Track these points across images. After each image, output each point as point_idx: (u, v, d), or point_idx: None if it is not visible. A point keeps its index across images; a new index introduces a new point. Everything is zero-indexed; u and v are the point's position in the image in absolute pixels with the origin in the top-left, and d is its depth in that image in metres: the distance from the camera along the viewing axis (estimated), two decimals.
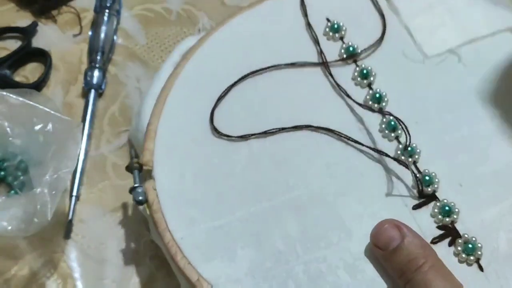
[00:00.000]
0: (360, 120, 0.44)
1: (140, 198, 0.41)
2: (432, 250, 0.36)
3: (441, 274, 0.35)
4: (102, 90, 0.55)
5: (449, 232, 0.39)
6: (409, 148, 0.42)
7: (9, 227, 0.42)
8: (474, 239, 0.38)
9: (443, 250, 0.38)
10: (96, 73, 0.55)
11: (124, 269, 0.47)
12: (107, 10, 0.58)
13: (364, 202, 0.41)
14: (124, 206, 0.50)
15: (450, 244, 0.39)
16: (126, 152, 0.52)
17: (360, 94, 0.46)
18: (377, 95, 0.45)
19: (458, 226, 0.40)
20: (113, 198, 0.50)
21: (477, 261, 0.38)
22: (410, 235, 0.36)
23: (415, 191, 0.41)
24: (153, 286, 0.46)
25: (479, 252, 0.38)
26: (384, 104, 0.45)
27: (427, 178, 0.41)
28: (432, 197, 0.41)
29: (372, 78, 0.46)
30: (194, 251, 0.39)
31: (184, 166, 0.43)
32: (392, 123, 0.43)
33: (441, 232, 0.39)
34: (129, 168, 0.43)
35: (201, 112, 0.45)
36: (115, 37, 0.58)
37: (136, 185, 0.42)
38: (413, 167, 0.41)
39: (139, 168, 0.43)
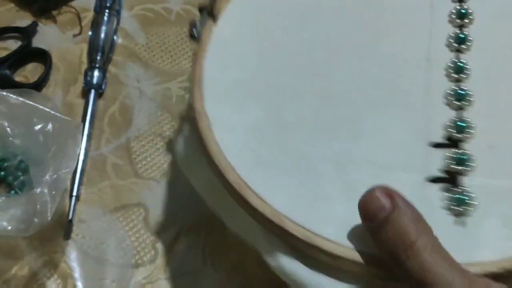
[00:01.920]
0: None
1: (194, 32, 0.41)
2: (427, 225, 0.30)
3: (439, 256, 0.29)
4: (102, 90, 0.55)
5: (451, 178, 0.36)
6: (463, 92, 0.38)
7: (9, 227, 0.42)
8: (473, 196, 0.35)
9: (433, 193, 0.36)
10: (96, 73, 0.55)
11: (124, 269, 0.47)
12: (107, 10, 0.58)
13: (388, 120, 0.38)
14: (124, 206, 0.50)
15: (445, 190, 0.36)
16: (126, 152, 0.52)
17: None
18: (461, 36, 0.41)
19: (464, 179, 0.36)
20: (113, 198, 0.50)
21: (463, 215, 0.35)
22: (403, 206, 0.30)
23: (442, 132, 0.38)
24: (154, 286, 0.46)
25: (470, 209, 0.35)
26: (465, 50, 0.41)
27: (461, 124, 0.37)
28: (455, 144, 0.37)
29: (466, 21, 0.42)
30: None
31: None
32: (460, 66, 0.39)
33: (443, 175, 0.36)
34: (200, 9, 0.43)
35: None
36: (115, 37, 0.58)
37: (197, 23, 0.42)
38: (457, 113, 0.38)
39: (209, 11, 0.42)
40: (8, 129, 0.47)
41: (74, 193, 0.49)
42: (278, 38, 0.42)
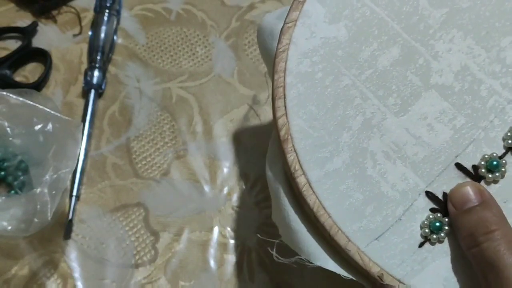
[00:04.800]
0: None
1: None
2: (507, 222, 0.33)
3: None
4: (102, 90, 0.55)
5: (443, 204, 0.36)
6: None
7: (9, 227, 0.42)
8: (446, 230, 0.35)
9: (421, 206, 0.36)
10: (96, 73, 0.55)
11: (124, 269, 0.47)
12: (107, 10, 0.58)
13: (445, 114, 0.37)
14: (124, 206, 0.50)
15: (432, 210, 0.36)
16: (126, 152, 0.52)
17: None
18: None
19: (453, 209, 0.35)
20: (113, 198, 0.50)
21: (428, 240, 0.35)
22: (491, 201, 0.33)
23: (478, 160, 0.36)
24: (154, 286, 0.46)
25: (434, 242, 0.35)
26: None
27: (495, 163, 0.36)
28: (477, 178, 0.36)
29: None
30: None
31: None
32: None
33: (440, 197, 0.36)
34: None
35: None
36: (115, 37, 0.58)
37: None
38: None
39: None
40: (8, 129, 0.47)
41: (74, 193, 0.49)
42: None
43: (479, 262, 0.32)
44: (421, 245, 0.35)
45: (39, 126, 0.46)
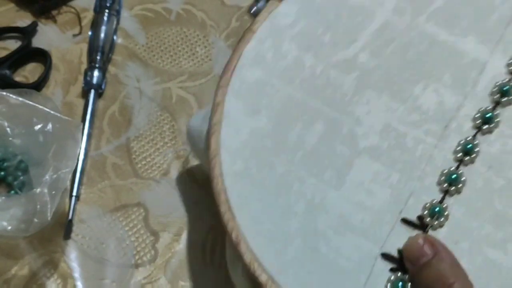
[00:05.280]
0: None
1: (254, 10, 0.45)
2: (463, 271, 0.34)
3: None
4: (102, 90, 0.55)
5: (402, 263, 0.36)
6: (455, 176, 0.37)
7: (9, 227, 0.42)
8: None
9: (380, 269, 0.36)
10: (96, 73, 0.55)
11: (124, 269, 0.47)
12: (107, 10, 0.58)
13: (376, 177, 0.38)
14: (124, 206, 0.50)
15: (391, 270, 0.36)
16: (126, 152, 0.52)
17: None
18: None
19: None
20: (113, 198, 0.50)
21: None
22: (443, 252, 0.34)
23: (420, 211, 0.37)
24: (154, 286, 0.46)
25: None
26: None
27: (438, 210, 0.36)
28: (424, 227, 0.37)
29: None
30: None
31: None
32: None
33: (396, 256, 0.36)
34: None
35: None
36: (115, 37, 0.58)
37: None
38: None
39: None
40: (8, 129, 0.47)
41: (74, 193, 0.49)
42: (322, 47, 0.42)
43: None
44: None
45: (39, 126, 0.46)
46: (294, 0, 0.43)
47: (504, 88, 0.39)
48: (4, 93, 0.46)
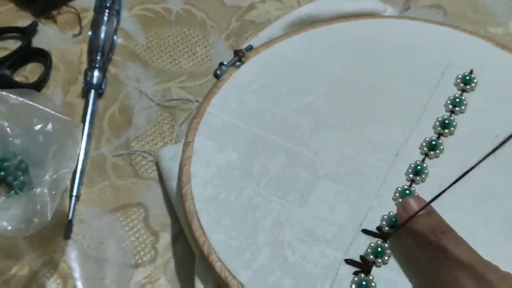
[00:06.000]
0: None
1: (218, 72, 0.51)
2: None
3: (468, 246, 0.37)
4: (102, 90, 0.55)
5: (365, 265, 0.40)
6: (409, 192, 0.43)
7: (9, 227, 0.42)
8: (374, 286, 0.39)
9: (345, 272, 0.40)
10: (96, 73, 0.55)
11: (124, 269, 0.47)
12: (107, 10, 0.58)
13: (337, 196, 0.44)
14: (124, 206, 0.50)
15: (355, 273, 0.40)
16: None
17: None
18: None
19: (375, 270, 0.40)
20: (113, 198, 0.50)
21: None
22: (435, 211, 0.39)
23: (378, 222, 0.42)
24: (154, 286, 0.46)
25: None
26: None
27: (394, 220, 0.41)
28: (383, 236, 0.41)
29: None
30: None
31: None
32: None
33: (358, 261, 0.41)
34: (235, 52, 0.52)
35: None
36: (115, 37, 0.58)
37: (225, 63, 0.52)
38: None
39: (240, 56, 0.52)
40: (8, 129, 0.47)
41: (74, 193, 0.49)
42: (280, 97, 0.49)
43: (435, 256, 0.37)
44: None
45: (39, 126, 0.46)
46: (253, 62, 0.51)
47: (446, 122, 0.46)
48: (4, 93, 0.46)
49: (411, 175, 0.44)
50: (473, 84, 0.48)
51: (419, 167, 0.44)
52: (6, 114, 0.47)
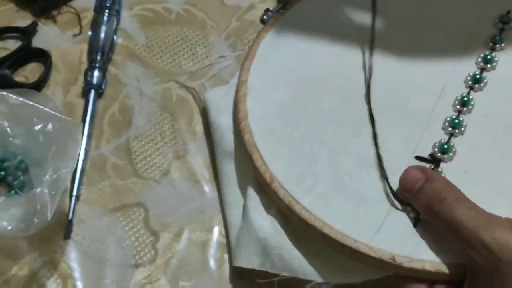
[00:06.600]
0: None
1: (265, 17, 0.55)
2: (454, 186, 0.39)
3: (465, 205, 0.37)
4: (102, 90, 0.55)
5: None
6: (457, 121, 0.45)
7: (9, 227, 0.42)
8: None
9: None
10: (96, 73, 0.55)
11: (124, 269, 0.47)
12: (107, 10, 0.58)
13: (389, 128, 0.45)
14: (124, 206, 0.50)
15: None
16: (126, 152, 0.52)
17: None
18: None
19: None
20: (113, 198, 0.50)
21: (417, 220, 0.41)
22: (433, 175, 0.40)
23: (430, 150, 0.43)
24: (154, 286, 0.46)
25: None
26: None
27: (446, 147, 0.43)
28: (436, 162, 0.43)
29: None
30: None
31: None
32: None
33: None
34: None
35: None
36: (115, 37, 0.58)
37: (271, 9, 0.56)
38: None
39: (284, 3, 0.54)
40: (8, 129, 0.47)
41: (74, 193, 0.49)
42: (327, 37, 0.51)
43: (445, 226, 0.37)
44: (415, 224, 0.40)
45: (39, 126, 0.46)
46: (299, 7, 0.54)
47: (488, 58, 0.48)
48: (4, 93, 0.46)
49: (458, 106, 0.45)
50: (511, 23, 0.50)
51: (465, 99, 0.45)
52: (6, 114, 0.47)
